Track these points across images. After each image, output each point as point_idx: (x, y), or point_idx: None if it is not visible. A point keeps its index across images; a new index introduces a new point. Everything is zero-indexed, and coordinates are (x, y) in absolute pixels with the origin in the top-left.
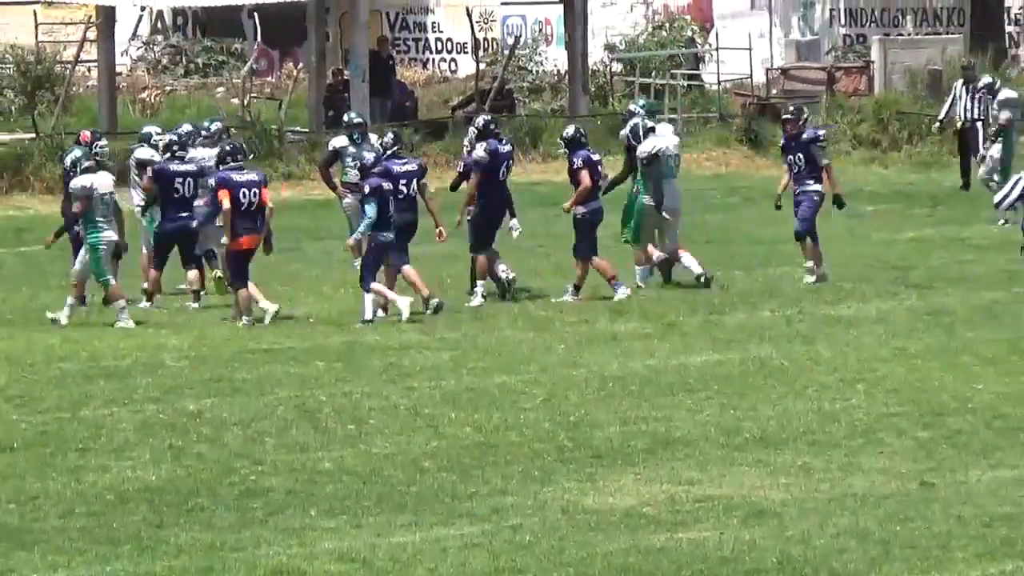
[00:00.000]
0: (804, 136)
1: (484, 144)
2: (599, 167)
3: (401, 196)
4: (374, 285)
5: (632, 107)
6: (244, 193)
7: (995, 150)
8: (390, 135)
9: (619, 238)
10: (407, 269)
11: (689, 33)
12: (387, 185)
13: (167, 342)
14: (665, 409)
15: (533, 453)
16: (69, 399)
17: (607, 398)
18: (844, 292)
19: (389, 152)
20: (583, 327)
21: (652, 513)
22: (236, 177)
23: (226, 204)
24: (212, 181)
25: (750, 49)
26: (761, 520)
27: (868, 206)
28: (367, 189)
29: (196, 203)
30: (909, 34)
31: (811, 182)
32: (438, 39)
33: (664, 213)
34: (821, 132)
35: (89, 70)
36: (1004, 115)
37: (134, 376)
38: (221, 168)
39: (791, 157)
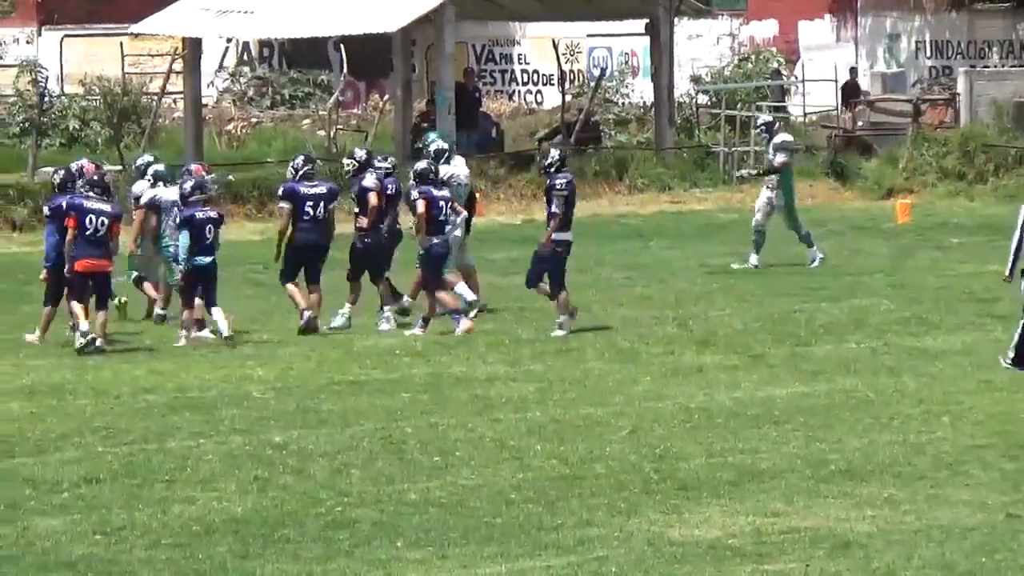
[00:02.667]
0: None
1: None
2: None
3: (307, 218)
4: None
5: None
6: (91, 220)
7: None
8: (300, 158)
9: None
10: (291, 288)
11: (775, 65)
12: (201, 214)
13: (253, 374)
14: (751, 441)
15: (619, 485)
16: (155, 431)
17: (693, 430)
18: (930, 324)
19: (299, 174)
20: (669, 359)
21: (737, 545)
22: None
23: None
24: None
25: (836, 81)
26: (847, 552)
27: (953, 238)
28: (178, 219)
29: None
30: (995, 66)
31: None
32: (524, 71)
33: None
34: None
35: (175, 102)
36: None
37: (220, 408)
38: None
39: None
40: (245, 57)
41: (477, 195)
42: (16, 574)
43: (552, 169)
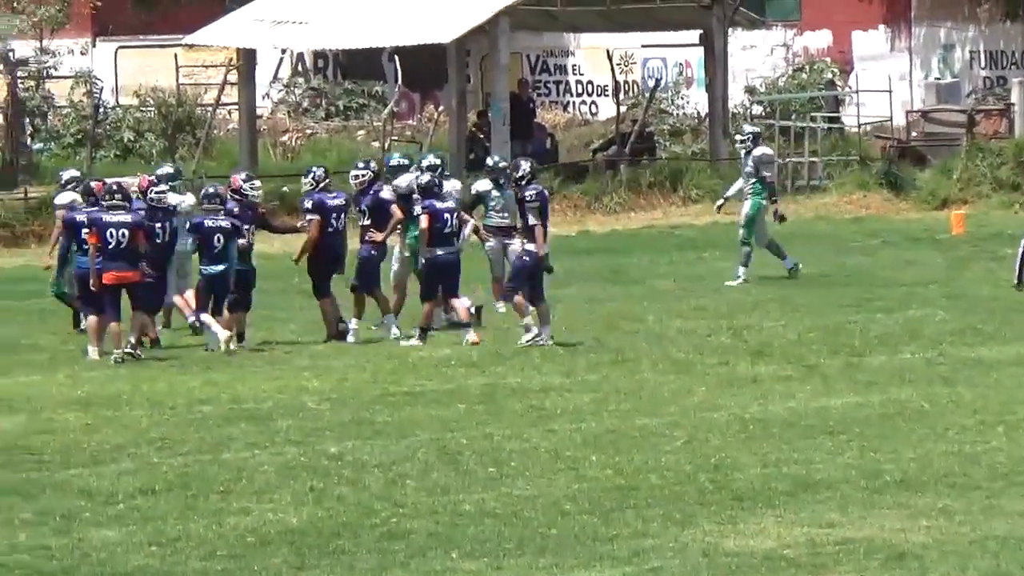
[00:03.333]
0: None
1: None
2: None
3: (331, 229)
4: (203, 316)
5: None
6: (111, 233)
7: None
8: (320, 169)
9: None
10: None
11: (829, 76)
12: (211, 223)
13: (308, 385)
14: (806, 451)
15: (674, 495)
16: (210, 441)
17: (748, 440)
18: (984, 335)
19: (320, 185)
20: (724, 369)
21: (792, 556)
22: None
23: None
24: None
25: (890, 92)
26: (902, 563)
27: (1008, 249)
28: (188, 226)
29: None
30: None
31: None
32: (578, 82)
33: None
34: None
35: (230, 113)
36: None
37: (275, 419)
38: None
39: None
40: (300, 68)
41: None
42: None
43: (523, 181)
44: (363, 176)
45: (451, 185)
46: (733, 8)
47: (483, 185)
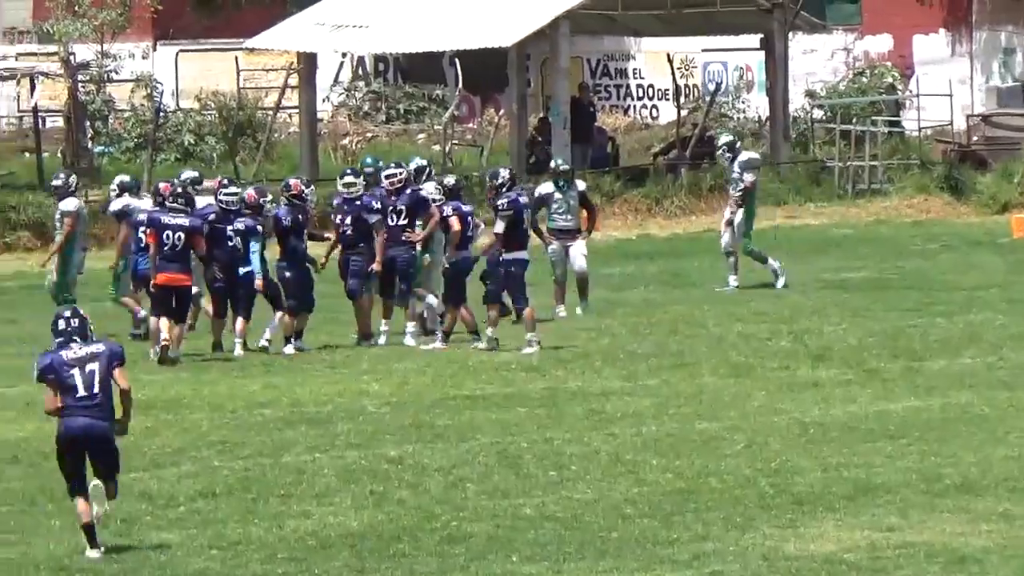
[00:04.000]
0: None
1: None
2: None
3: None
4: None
5: None
6: (168, 235)
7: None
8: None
9: None
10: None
11: (890, 80)
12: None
13: (369, 388)
14: (866, 455)
15: (734, 499)
16: (271, 445)
17: (808, 444)
18: None
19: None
20: (784, 373)
21: (853, 560)
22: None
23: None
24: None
25: (951, 96)
26: (962, 567)
27: None
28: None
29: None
30: None
31: None
32: (639, 85)
33: None
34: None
35: (290, 116)
36: None
37: (335, 422)
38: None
39: None
40: (360, 72)
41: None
42: None
43: (503, 189)
44: (400, 175)
45: (430, 187)
46: (794, 12)
47: (546, 188)
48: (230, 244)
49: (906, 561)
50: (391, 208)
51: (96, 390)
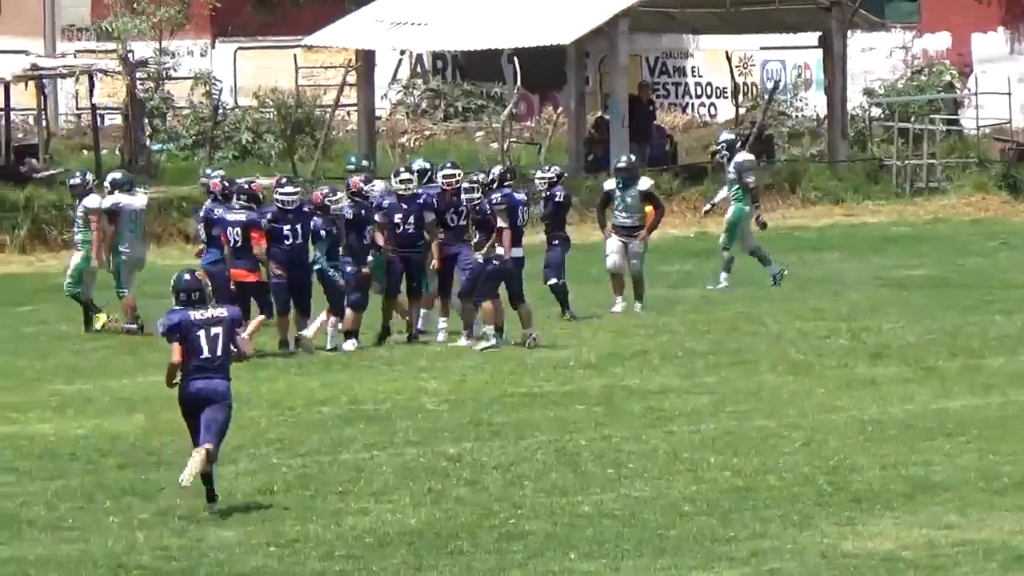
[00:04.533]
0: None
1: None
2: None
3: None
4: None
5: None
6: (230, 231)
7: None
8: (414, 169)
9: None
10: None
11: (948, 78)
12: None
13: (427, 386)
14: (924, 453)
15: (792, 497)
16: (329, 442)
17: (866, 442)
18: None
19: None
20: (842, 371)
21: (911, 557)
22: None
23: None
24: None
25: (1009, 94)
26: (1020, 565)
27: None
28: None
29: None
30: None
31: None
32: (697, 83)
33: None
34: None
35: (349, 114)
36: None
37: (394, 420)
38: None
39: None
40: (419, 69)
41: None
42: None
43: (494, 185)
44: (458, 176)
45: (379, 187)
46: (852, 10)
47: (609, 184)
48: (287, 243)
49: (964, 559)
50: (452, 208)
51: (219, 352)
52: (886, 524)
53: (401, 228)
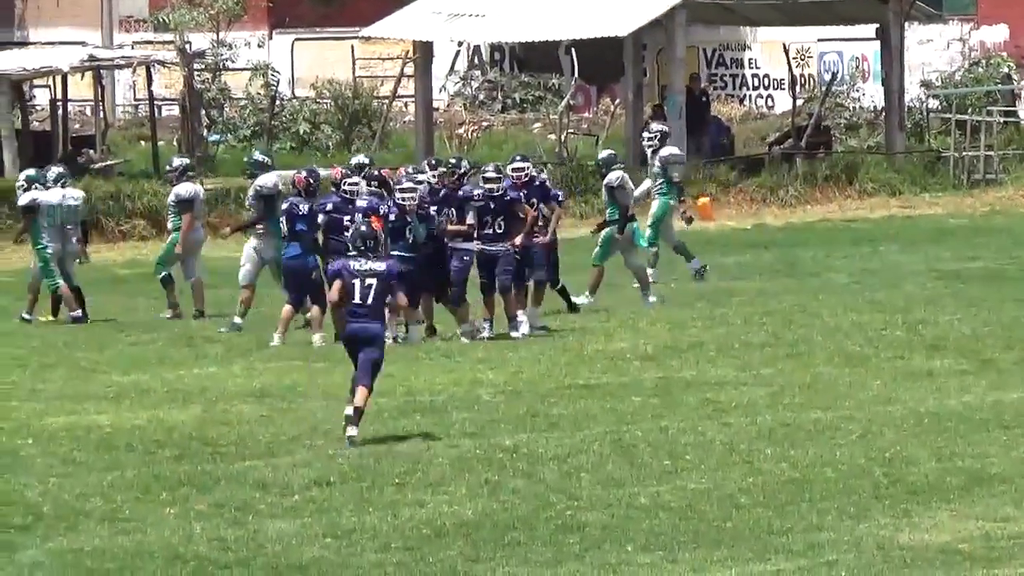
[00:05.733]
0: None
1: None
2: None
3: None
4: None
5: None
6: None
7: None
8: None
9: None
10: None
11: (1005, 70)
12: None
13: (483, 377)
14: (981, 445)
15: (848, 489)
16: (385, 433)
17: (922, 434)
18: None
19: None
20: (899, 363)
21: (967, 550)
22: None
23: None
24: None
25: None
26: None
27: None
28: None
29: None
30: None
31: None
32: (755, 75)
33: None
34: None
35: (406, 105)
36: None
37: (450, 411)
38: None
39: None
40: (476, 61)
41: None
42: None
43: (467, 177)
44: (527, 169)
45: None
46: (910, 2)
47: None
48: (348, 234)
49: (1021, 551)
50: (526, 201)
51: (370, 301)
52: (942, 516)
53: (489, 227)
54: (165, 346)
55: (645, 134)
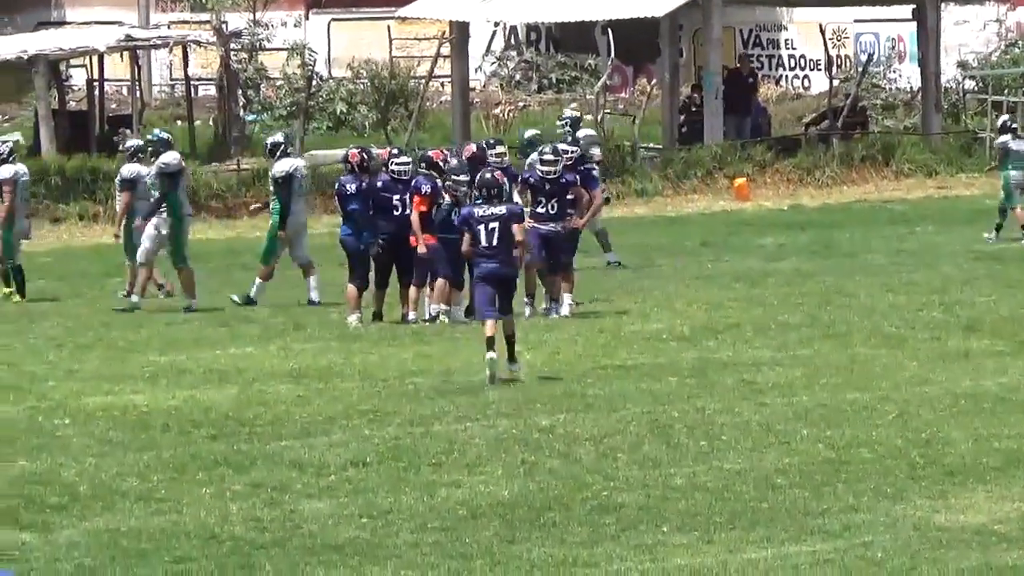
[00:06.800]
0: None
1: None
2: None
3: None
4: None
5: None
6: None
7: None
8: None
9: None
10: None
11: None
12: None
13: (520, 358)
14: (1018, 427)
15: (885, 470)
16: (422, 414)
17: (959, 415)
18: None
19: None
20: (935, 344)
21: (1004, 531)
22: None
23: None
24: None
25: None
26: None
27: None
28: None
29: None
30: None
31: None
32: (791, 56)
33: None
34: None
35: (443, 85)
36: None
37: (486, 391)
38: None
39: None
40: (512, 41)
41: (742, 180)
42: (283, 557)
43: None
44: (573, 153)
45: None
46: None
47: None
48: (395, 213)
49: None
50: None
51: (495, 243)
52: (979, 497)
53: (545, 208)
54: (201, 326)
55: (559, 120)
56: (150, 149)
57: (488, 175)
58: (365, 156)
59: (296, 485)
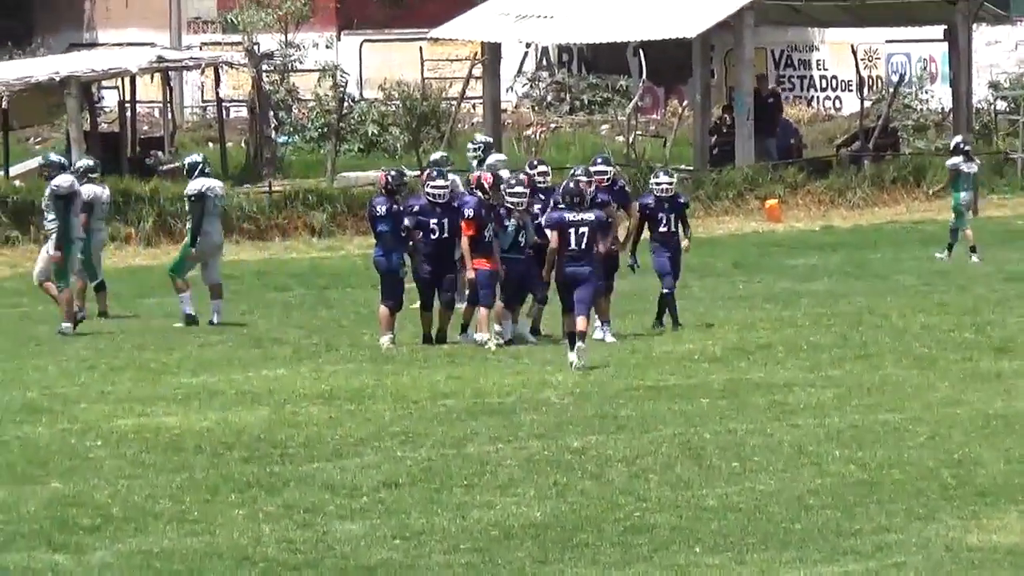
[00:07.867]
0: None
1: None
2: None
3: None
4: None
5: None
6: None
7: None
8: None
9: None
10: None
11: None
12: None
13: (551, 379)
14: None
15: (916, 491)
16: (454, 435)
17: (991, 436)
18: None
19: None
20: (967, 365)
21: None
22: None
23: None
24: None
25: None
26: None
27: None
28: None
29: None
30: None
31: None
32: (823, 76)
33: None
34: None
35: (474, 106)
36: None
37: (519, 413)
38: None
39: None
40: (544, 62)
41: (773, 201)
42: None
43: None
44: (609, 173)
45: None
46: (978, 3)
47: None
48: (434, 236)
49: None
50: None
51: (583, 246)
52: (1011, 518)
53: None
54: (233, 348)
55: (470, 145)
56: (44, 172)
57: (572, 184)
58: (392, 178)
59: (328, 507)
